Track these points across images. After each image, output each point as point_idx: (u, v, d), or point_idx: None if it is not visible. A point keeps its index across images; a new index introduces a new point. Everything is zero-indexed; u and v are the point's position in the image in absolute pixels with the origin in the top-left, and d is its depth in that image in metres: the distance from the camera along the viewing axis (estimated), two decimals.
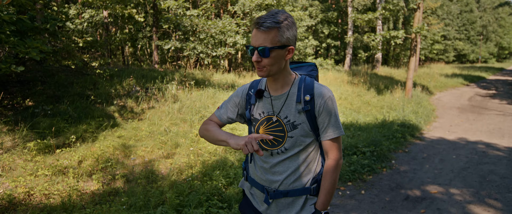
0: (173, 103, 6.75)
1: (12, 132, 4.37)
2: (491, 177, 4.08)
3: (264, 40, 1.25)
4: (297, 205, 1.39)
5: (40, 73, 7.97)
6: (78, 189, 3.30)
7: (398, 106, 8.66)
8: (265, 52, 1.25)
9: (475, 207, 3.26)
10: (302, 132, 1.35)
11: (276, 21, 1.23)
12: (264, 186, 1.43)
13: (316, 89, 1.35)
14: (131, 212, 2.70)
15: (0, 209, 2.89)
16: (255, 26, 1.26)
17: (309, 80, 1.39)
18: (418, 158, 4.89)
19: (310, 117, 1.35)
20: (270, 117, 1.39)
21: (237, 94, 1.48)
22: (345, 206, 3.27)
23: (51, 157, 3.92)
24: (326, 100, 1.34)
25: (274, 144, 1.39)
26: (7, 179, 3.37)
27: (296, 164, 1.38)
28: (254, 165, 1.48)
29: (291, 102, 1.36)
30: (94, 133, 4.82)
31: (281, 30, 1.25)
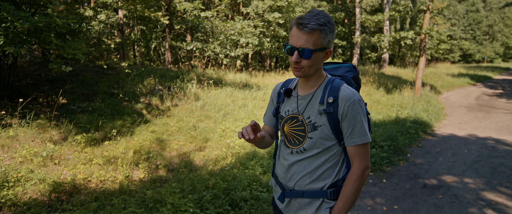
0: (195, 102, 7.14)
1: (57, 127, 4.78)
2: (502, 169, 4.43)
3: (306, 42, 1.24)
4: (313, 207, 1.38)
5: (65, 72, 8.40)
6: (129, 176, 3.69)
7: (408, 104, 8.99)
8: (307, 54, 1.25)
9: (488, 193, 3.61)
10: (322, 134, 1.34)
11: (320, 23, 1.23)
12: (282, 184, 1.45)
13: (342, 92, 1.32)
14: (185, 194, 3.09)
15: (66, 192, 3.28)
16: (298, 27, 1.24)
17: (338, 82, 1.37)
18: (432, 152, 5.24)
19: (332, 120, 1.32)
20: (295, 115, 1.40)
21: (272, 95, 1.54)
22: (370, 193, 3.64)
23: (98, 149, 4.32)
24: (351, 104, 1.30)
25: (295, 142, 1.40)
26: (66, 167, 3.78)
27: (313, 166, 1.37)
28: (278, 162, 1.51)
29: (315, 103, 1.36)
30: (130, 127, 5.22)
31: (324, 33, 1.24)
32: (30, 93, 6.45)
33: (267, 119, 1.56)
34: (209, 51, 9.53)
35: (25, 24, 3.75)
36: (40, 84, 7.30)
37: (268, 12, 11.85)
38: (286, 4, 12.29)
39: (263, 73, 13.21)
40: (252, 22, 10.22)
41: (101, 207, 2.96)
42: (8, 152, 4.05)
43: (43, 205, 3.03)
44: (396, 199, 3.47)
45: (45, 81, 7.51)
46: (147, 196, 3.15)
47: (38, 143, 4.34)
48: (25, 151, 3.89)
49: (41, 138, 4.44)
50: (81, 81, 7.75)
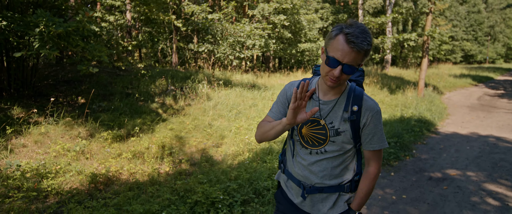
0: (206, 101, 7.46)
1: (83, 125, 5.10)
2: (502, 164, 4.74)
3: (353, 60, 1.25)
4: (330, 201, 1.49)
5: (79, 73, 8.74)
6: (156, 169, 4.01)
7: (412, 104, 9.30)
8: (351, 71, 1.28)
9: (489, 185, 3.93)
10: (344, 139, 1.42)
11: (369, 42, 1.25)
12: (300, 181, 1.51)
13: (365, 101, 1.40)
14: (212, 184, 3.40)
15: (102, 183, 3.60)
16: (347, 43, 1.23)
17: (359, 90, 1.43)
18: (436, 148, 5.55)
19: (354, 127, 1.40)
20: (316, 119, 1.44)
21: (285, 92, 1.53)
22: (380, 184, 3.95)
23: (124, 145, 4.64)
24: (374, 114, 1.39)
25: (314, 144, 1.46)
26: (97, 161, 4.10)
27: (333, 165, 1.46)
28: (293, 160, 1.55)
29: (339, 109, 1.41)
30: (150, 125, 5.54)
31: (367, 53, 1.28)
32: (50, 93, 6.78)
33: (275, 115, 1.54)
34: (220, 53, 9.87)
35: (59, 28, 4.08)
36: (58, 85, 7.64)
37: (274, 15, 12.19)
38: (291, 7, 12.64)
39: (268, 74, 13.54)
40: (260, 25, 10.55)
41: (137, 195, 3.28)
42: (42, 147, 4.37)
43: (84, 193, 3.34)
44: (404, 190, 3.79)
45: (62, 82, 7.85)
46: (177, 186, 3.47)
47: (67, 139, 4.66)
48: (58, 146, 4.21)
49: (70, 135, 4.76)
50: (96, 82, 8.09)
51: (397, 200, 3.52)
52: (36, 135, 4.54)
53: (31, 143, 4.43)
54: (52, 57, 8.75)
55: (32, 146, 4.38)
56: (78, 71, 8.91)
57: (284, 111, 1.52)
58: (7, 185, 3.26)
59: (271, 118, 1.55)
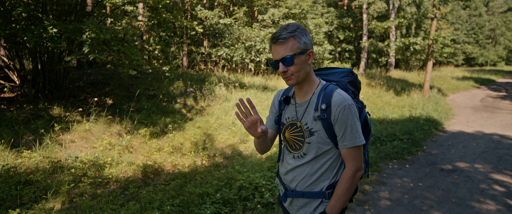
0: (225, 102, 7.95)
1: (120, 123, 5.58)
2: (506, 158, 5.22)
3: (284, 51, 1.35)
4: (312, 206, 1.49)
5: (100, 76, 9.25)
6: (195, 162, 4.49)
7: (418, 105, 9.80)
8: (289, 60, 1.35)
9: (495, 175, 4.41)
10: (319, 139, 1.42)
11: (290, 31, 1.35)
12: (285, 185, 1.57)
13: (334, 97, 1.39)
14: (254, 172, 3.87)
15: (151, 172, 4.07)
16: (273, 42, 1.37)
17: (330, 88, 1.44)
18: (444, 145, 6.04)
19: (327, 125, 1.40)
20: (294, 122, 1.49)
21: (273, 102, 1.63)
22: (397, 174, 4.43)
23: (160, 140, 5.12)
24: (341, 109, 1.37)
25: (296, 147, 1.50)
26: (141, 154, 4.58)
27: (313, 169, 1.46)
28: (281, 164, 1.62)
29: (311, 110, 1.44)
30: (180, 124, 6.02)
31: (297, 38, 1.35)
32: (79, 94, 7.28)
33: (268, 124, 1.64)
34: (236, 56, 10.39)
35: (107, 34, 4.58)
36: (84, 87, 8.14)
37: (284, 19, 12.72)
38: (299, 12, 13.17)
39: (277, 77, 14.06)
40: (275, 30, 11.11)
41: (187, 182, 3.75)
42: (88, 142, 4.85)
43: (138, 181, 3.82)
44: (420, 179, 4.27)
45: (87, 84, 8.35)
46: (219, 174, 3.95)
47: (108, 135, 5.14)
48: (105, 141, 4.69)
49: (110, 132, 5.24)
50: (118, 84, 8.59)
51: (414, 187, 4.00)
52: (81, 132, 5.03)
53: (78, 138, 4.91)
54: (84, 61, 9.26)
55: (80, 141, 4.86)
56: (100, 74, 9.43)
57: (273, 120, 1.60)
58: (74, 173, 3.73)
59: (268, 129, 1.62)
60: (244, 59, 10.67)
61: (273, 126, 1.61)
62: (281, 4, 12.66)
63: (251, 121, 1.37)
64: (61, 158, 4.09)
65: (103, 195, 3.34)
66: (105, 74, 9.46)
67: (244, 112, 1.38)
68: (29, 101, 6.30)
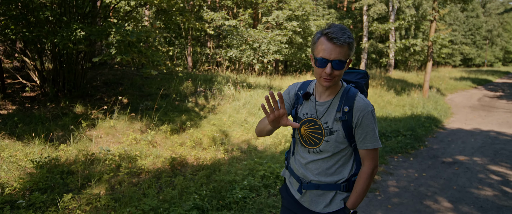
0: (234, 101, 8.33)
1: (140, 120, 5.95)
2: (502, 152, 5.65)
3: (339, 54, 1.36)
4: (327, 198, 1.57)
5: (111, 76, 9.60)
6: (216, 155, 4.87)
7: (419, 104, 10.24)
8: (341, 66, 1.38)
9: (492, 166, 4.83)
10: (337, 138, 1.50)
11: (349, 36, 1.36)
12: (299, 177, 1.62)
13: (357, 102, 1.47)
14: (274, 163, 4.25)
15: (177, 164, 4.45)
16: (329, 40, 1.35)
17: (353, 91, 1.51)
18: (445, 140, 6.46)
19: (346, 127, 1.47)
20: (313, 119, 1.54)
21: (287, 92, 1.65)
22: (402, 166, 4.84)
23: (180, 136, 5.49)
24: (364, 114, 1.45)
25: (312, 143, 1.55)
26: (165, 148, 4.95)
27: (328, 165, 1.55)
28: (294, 158, 1.67)
29: (332, 110, 1.50)
30: (196, 121, 6.40)
31: (351, 46, 1.39)
32: (95, 94, 7.63)
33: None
34: (245, 57, 10.79)
35: (133, 37, 4.95)
36: (99, 86, 8.49)
37: (287, 21, 13.14)
38: (302, 14, 13.60)
39: (281, 77, 14.47)
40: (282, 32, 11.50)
41: (211, 173, 4.13)
42: (114, 138, 5.22)
43: (168, 172, 4.19)
44: (423, 170, 4.68)
45: (102, 84, 8.71)
46: (240, 165, 4.33)
47: (131, 131, 5.50)
48: (130, 137, 5.06)
49: (132, 128, 5.61)
50: (130, 84, 8.95)
51: (419, 177, 4.41)
52: (106, 128, 5.39)
53: (103, 134, 5.27)
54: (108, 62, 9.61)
55: (105, 136, 5.23)
56: (111, 75, 9.79)
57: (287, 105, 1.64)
58: (109, 164, 4.10)
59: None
60: (252, 60, 11.07)
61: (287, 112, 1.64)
62: (285, 6, 13.07)
63: (278, 114, 1.35)
64: (94, 151, 4.45)
65: (139, 183, 3.71)
66: (116, 75, 9.81)
67: (272, 105, 1.34)
68: (50, 100, 6.65)
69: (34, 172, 3.68)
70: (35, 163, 3.77)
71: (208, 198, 3.19)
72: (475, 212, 3.37)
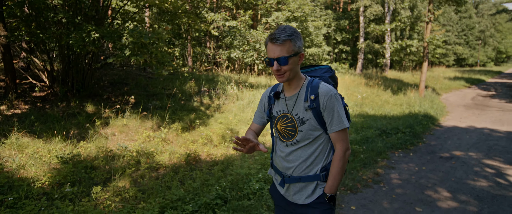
0: (238, 101, 8.60)
1: (151, 119, 6.18)
2: (495, 147, 6.01)
3: (281, 52, 1.51)
4: (309, 189, 1.66)
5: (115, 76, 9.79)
6: (225, 151, 5.13)
7: (415, 103, 10.62)
8: (284, 61, 1.51)
9: (486, 160, 5.18)
10: (310, 127, 1.61)
11: (288, 34, 1.51)
12: (282, 172, 1.73)
13: (320, 89, 1.60)
14: None
15: (192, 160, 4.70)
16: (271, 41, 1.53)
17: (316, 82, 1.64)
18: (441, 137, 6.81)
19: (316, 113, 1.59)
20: (285, 114, 1.67)
21: (262, 99, 1.81)
22: (403, 160, 5.16)
23: (191, 133, 5.74)
24: (328, 98, 1.57)
25: (289, 136, 1.67)
26: (178, 145, 5.19)
27: (307, 154, 1.64)
28: (275, 154, 1.78)
29: (300, 101, 1.62)
30: (204, 119, 6.65)
31: (293, 41, 1.52)
32: (102, 93, 7.83)
33: (258, 119, 1.83)
34: (248, 58, 11.07)
35: (146, 39, 5.19)
36: (105, 86, 8.69)
37: (286, 22, 13.43)
38: (300, 15, 13.92)
39: None
40: None
41: (226, 167, 4.39)
42: (127, 135, 5.45)
43: (184, 166, 4.44)
44: (423, 164, 5.00)
45: (108, 84, 8.91)
46: (252, 160, 4.60)
47: (143, 129, 5.74)
48: (144, 134, 5.29)
49: (144, 126, 5.84)
50: (135, 84, 9.16)
51: (419, 170, 4.73)
52: (119, 126, 5.62)
53: (117, 132, 5.50)
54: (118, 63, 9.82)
55: (119, 134, 5.46)
56: (115, 75, 9.98)
57: (261, 115, 1.81)
58: (129, 160, 4.34)
59: (255, 124, 1.84)
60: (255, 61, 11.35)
61: (261, 121, 1.82)
62: (284, 7, 13.37)
63: (249, 147, 1.56)
64: (112, 148, 4.68)
65: (159, 178, 3.96)
66: (119, 75, 10.01)
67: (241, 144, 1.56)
68: (60, 100, 6.84)
69: (60, 167, 3.90)
70: (60, 159, 4.00)
71: (228, 189, 3.46)
72: (472, 200, 3.69)
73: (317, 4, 20.17)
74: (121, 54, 5.28)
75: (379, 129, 6.74)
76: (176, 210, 2.96)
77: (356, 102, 10.28)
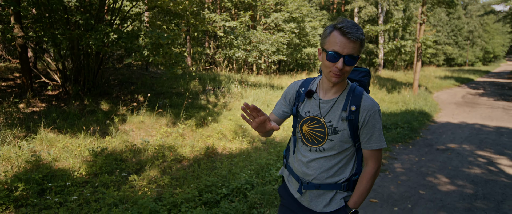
0: (242, 99, 8.98)
1: (164, 116, 6.52)
2: (486, 140, 6.57)
3: (352, 49, 1.33)
4: (327, 198, 1.55)
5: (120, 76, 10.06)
6: (240, 145, 5.52)
7: (410, 101, 11.20)
8: (352, 61, 1.35)
9: (478, 151, 5.71)
10: (342, 138, 1.47)
11: (362, 32, 1.37)
12: (299, 177, 1.60)
13: (364, 101, 1.45)
14: None
15: (211, 153, 5.07)
16: (343, 35, 1.33)
17: (359, 90, 1.48)
18: (437, 132, 7.35)
19: (352, 126, 1.45)
20: (316, 117, 1.51)
21: (288, 91, 1.63)
22: (404, 152, 5.65)
23: (205, 129, 6.11)
24: (371, 114, 1.44)
25: (314, 142, 1.53)
26: (194, 140, 5.56)
27: (331, 164, 1.52)
28: (294, 157, 1.65)
29: (338, 109, 1.47)
30: (214, 116, 7.02)
31: (363, 43, 1.38)
32: (111, 92, 8.12)
33: (279, 112, 1.66)
34: (251, 57, 11.46)
35: (165, 39, 5.53)
36: (113, 86, 8.97)
37: (284, 22, 13.89)
38: (298, 16, 14.39)
39: (278, 76, 15.21)
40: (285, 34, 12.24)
41: (245, 159, 4.78)
42: (145, 131, 5.78)
43: (204, 159, 4.82)
44: (422, 155, 5.50)
45: (115, 83, 9.18)
46: (267, 153, 5.00)
47: (159, 126, 6.08)
48: (162, 130, 5.64)
49: (159, 123, 6.18)
50: (141, 83, 9.46)
51: (419, 160, 5.22)
52: (136, 123, 5.95)
53: (135, 128, 5.83)
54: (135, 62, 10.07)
55: (137, 130, 5.79)
56: (120, 74, 10.24)
57: (284, 108, 1.64)
58: (154, 153, 4.69)
59: (274, 115, 1.68)
60: (258, 60, 11.76)
61: (282, 115, 1.65)
62: (283, 8, 13.82)
63: (259, 121, 1.35)
64: (135, 142, 5.02)
65: (184, 168, 4.33)
66: (125, 74, 10.28)
67: (250, 113, 1.36)
68: (74, 98, 7.11)
69: (92, 160, 4.23)
70: (92, 152, 4.32)
71: (254, 176, 3.86)
72: (468, 184, 4.18)
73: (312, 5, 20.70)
74: (138, 55, 5.61)
75: None
76: (212, 193, 3.34)
77: None
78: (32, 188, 3.33)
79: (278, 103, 1.68)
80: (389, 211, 3.41)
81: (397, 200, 3.68)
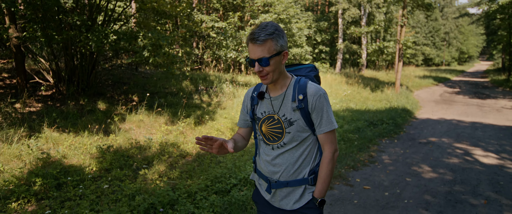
0: (235, 98, 9.29)
1: (163, 115, 6.73)
2: (463, 134, 7.19)
3: (262, 52, 1.43)
4: (297, 194, 1.59)
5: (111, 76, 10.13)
6: None
7: (393, 99, 11.86)
8: (265, 62, 1.43)
9: (456, 144, 6.29)
10: (298, 128, 1.54)
11: (269, 33, 1.42)
12: (267, 177, 1.64)
13: (309, 88, 1.53)
14: None
15: None
16: (251, 41, 1.44)
17: (303, 81, 1.57)
18: (418, 127, 7.94)
19: (305, 114, 1.53)
20: (271, 115, 1.59)
21: (244, 100, 1.74)
22: (390, 145, 6.14)
23: (204, 127, 6.37)
24: (317, 98, 1.51)
25: (275, 139, 1.59)
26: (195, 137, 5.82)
27: (294, 157, 1.57)
28: (259, 159, 1.69)
29: (288, 101, 1.55)
30: (210, 115, 7.29)
31: (275, 40, 1.43)
32: (105, 92, 8.23)
33: (241, 122, 1.76)
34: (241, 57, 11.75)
35: (164, 41, 5.77)
36: (106, 86, 9.06)
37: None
38: (285, 17, 14.84)
39: None
40: None
41: (245, 153, 5.10)
42: (145, 129, 5.99)
43: (208, 155, 5.10)
44: (406, 148, 6.01)
45: (108, 83, 9.27)
46: None
47: (158, 124, 6.29)
48: (163, 128, 5.87)
49: (158, 122, 6.40)
50: (133, 83, 9.59)
51: (404, 152, 5.71)
52: (136, 122, 6.14)
53: (134, 127, 6.02)
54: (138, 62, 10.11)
55: (137, 129, 5.99)
56: (111, 75, 10.30)
57: (244, 117, 1.73)
58: (158, 149, 4.93)
59: (241, 128, 1.77)
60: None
61: (246, 124, 1.74)
62: (271, 10, 14.22)
63: (216, 146, 1.48)
64: (139, 140, 5.23)
65: (190, 163, 4.60)
66: (116, 75, 10.35)
67: (205, 144, 1.49)
68: (69, 98, 7.19)
69: (100, 156, 4.43)
70: (100, 149, 4.52)
71: None
72: (448, 172, 4.69)
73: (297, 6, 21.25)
74: (138, 55, 5.81)
75: (367, 120, 7.73)
76: (222, 183, 3.64)
77: (341, 99, 11.31)
78: (49, 182, 3.52)
79: (240, 115, 1.77)
80: (381, 196, 3.83)
81: (387, 186, 4.11)
